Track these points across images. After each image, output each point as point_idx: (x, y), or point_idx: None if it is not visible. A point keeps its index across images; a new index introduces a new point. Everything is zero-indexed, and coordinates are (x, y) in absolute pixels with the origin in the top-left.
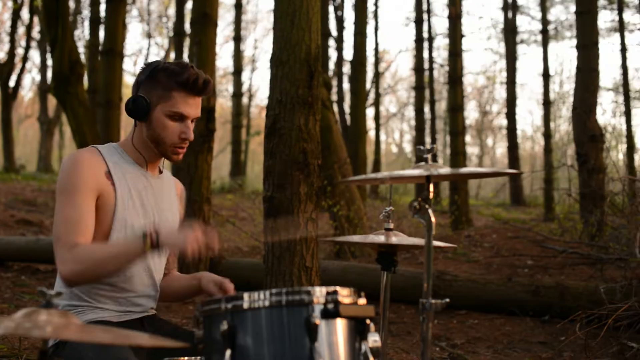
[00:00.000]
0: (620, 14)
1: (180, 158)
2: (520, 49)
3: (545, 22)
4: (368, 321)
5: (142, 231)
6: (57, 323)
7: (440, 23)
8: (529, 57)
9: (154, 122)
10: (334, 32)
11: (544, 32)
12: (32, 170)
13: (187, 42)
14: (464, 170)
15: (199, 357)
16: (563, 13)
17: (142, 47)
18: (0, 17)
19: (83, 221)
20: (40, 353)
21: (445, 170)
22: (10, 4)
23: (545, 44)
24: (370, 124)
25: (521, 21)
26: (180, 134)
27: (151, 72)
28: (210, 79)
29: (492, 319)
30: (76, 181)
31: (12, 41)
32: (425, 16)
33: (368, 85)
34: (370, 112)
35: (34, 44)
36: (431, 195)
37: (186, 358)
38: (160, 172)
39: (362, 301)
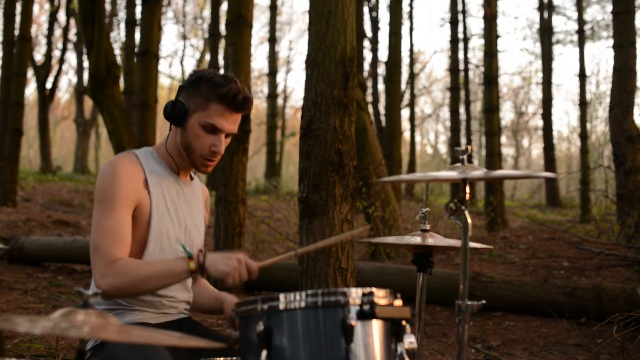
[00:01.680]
0: None
1: (209, 171)
2: (556, 49)
3: (581, 22)
4: (404, 322)
5: (188, 253)
6: (94, 323)
7: (475, 23)
8: (565, 58)
9: (188, 129)
10: (369, 33)
11: (580, 32)
12: (69, 171)
13: (222, 44)
14: (497, 173)
15: (235, 358)
16: (599, 13)
17: (177, 49)
18: (37, 19)
19: (122, 233)
20: (78, 353)
21: (480, 172)
22: (47, 6)
23: (581, 44)
24: (405, 125)
25: (557, 21)
26: (210, 146)
27: (196, 80)
28: (251, 96)
29: (528, 321)
30: (115, 191)
31: (49, 43)
32: (460, 17)
33: (403, 86)
34: (405, 113)
35: (70, 46)
36: (467, 196)
37: (222, 359)
38: (192, 178)
39: (398, 302)
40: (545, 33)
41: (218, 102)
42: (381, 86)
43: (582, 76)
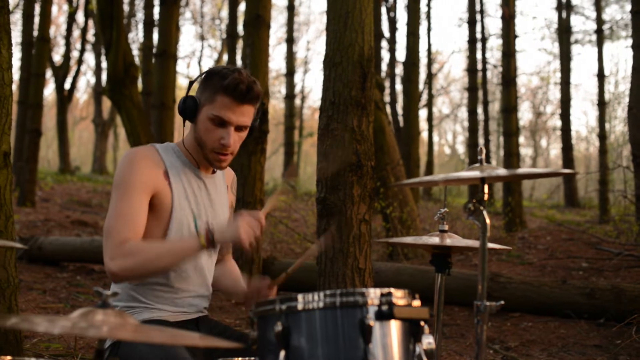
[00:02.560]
0: None
1: (224, 166)
2: (575, 49)
3: (600, 21)
4: (422, 323)
5: (196, 226)
6: (113, 323)
7: (493, 23)
8: (583, 57)
9: (199, 123)
10: (387, 34)
11: (599, 31)
12: (87, 171)
13: (240, 44)
14: (519, 171)
15: (253, 358)
16: (618, 12)
17: (195, 49)
18: (56, 20)
19: (136, 218)
20: (97, 352)
21: (501, 171)
22: (65, 7)
23: (600, 43)
24: (423, 125)
25: (575, 21)
26: (220, 139)
27: (208, 74)
28: (257, 87)
29: (547, 322)
30: (133, 178)
31: (68, 44)
32: (478, 17)
33: (421, 86)
34: (423, 113)
35: (88, 46)
36: (486, 197)
37: (240, 359)
38: (214, 171)
39: (417, 303)
40: (564, 33)
41: (223, 94)
42: (399, 86)
43: (601, 76)
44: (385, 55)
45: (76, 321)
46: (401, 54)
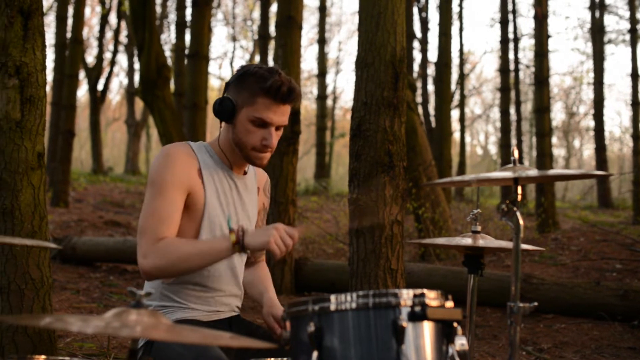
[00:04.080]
0: None
1: (264, 163)
2: (608, 48)
3: (633, 21)
4: (455, 324)
5: (230, 227)
6: (146, 323)
7: (526, 23)
8: (617, 57)
9: (238, 125)
10: (419, 34)
11: (633, 31)
12: (120, 172)
13: (272, 45)
14: (551, 172)
15: (285, 358)
16: None
17: (227, 50)
18: (89, 22)
19: (171, 216)
20: (130, 352)
21: (534, 172)
22: (98, 9)
23: (633, 43)
24: (455, 125)
25: (609, 21)
26: (262, 140)
27: (242, 75)
28: (297, 87)
29: (580, 324)
30: (168, 175)
31: (101, 45)
32: (510, 17)
33: (453, 86)
34: (455, 113)
35: (121, 48)
36: (519, 197)
37: (273, 359)
38: (245, 172)
39: (449, 304)
40: (597, 32)
41: (264, 96)
42: (431, 87)
43: (635, 76)
44: (417, 55)
45: (109, 321)
46: (433, 55)
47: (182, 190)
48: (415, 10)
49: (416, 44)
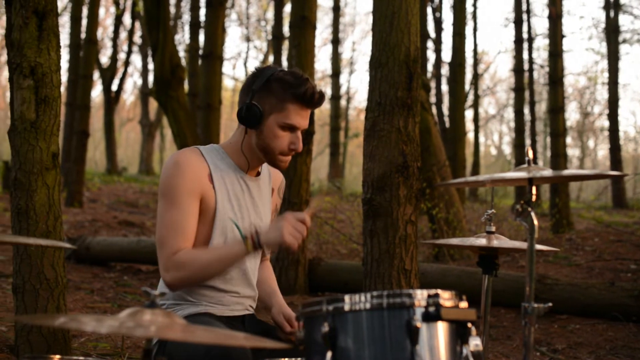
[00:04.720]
0: None
1: (287, 166)
2: (623, 48)
3: None
4: (469, 325)
5: (242, 236)
6: (160, 323)
7: (540, 23)
8: (632, 57)
9: (265, 131)
10: (432, 34)
11: None
12: (134, 172)
13: (285, 45)
14: (566, 172)
15: (299, 358)
16: None
17: (241, 51)
18: (103, 22)
19: (187, 225)
20: (144, 352)
21: (548, 172)
22: (113, 9)
23: None
24: (469, 125)
25: (624, 20)
26: (290, 145)
27: (266, 81)
28: (323, 92)
29: (594, 324)
30: (180, 184)
31: (115, 46)
32: (524, 16)
33: (467, 86)
34: (469, 113)
35: (135, 48)
36: (534, 198)
37: (287, 359)
38: (258, 174)
39: (464, 304)
40: (612, 32)
41: (294, 102)
42: (445, 87)
43: None
44: (431, 55)
45: (124, 321)
46: (447, 55)
47: (195, 197)
48: (429, 10)
49: (430, 44)
